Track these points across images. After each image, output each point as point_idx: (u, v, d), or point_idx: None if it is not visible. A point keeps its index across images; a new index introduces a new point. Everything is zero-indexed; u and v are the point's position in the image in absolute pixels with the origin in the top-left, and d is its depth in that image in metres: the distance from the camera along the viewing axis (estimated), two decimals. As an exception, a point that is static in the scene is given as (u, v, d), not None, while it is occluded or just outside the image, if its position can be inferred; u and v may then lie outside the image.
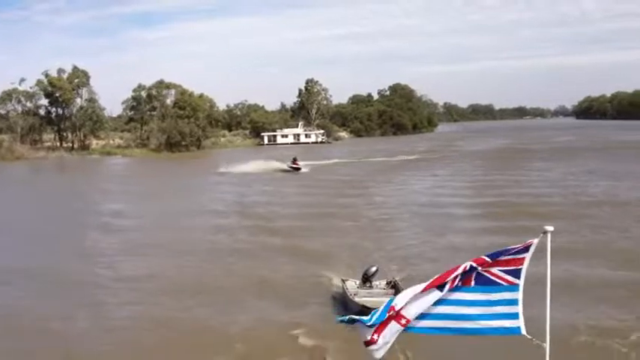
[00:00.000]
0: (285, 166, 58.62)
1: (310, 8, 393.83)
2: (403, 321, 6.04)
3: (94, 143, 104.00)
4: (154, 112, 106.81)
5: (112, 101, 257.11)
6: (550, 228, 5.80)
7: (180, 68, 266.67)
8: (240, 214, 33.50)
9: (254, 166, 59.43)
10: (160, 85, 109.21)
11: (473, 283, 6.01)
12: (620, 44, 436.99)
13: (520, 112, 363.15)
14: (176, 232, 28.31)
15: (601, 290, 16.88)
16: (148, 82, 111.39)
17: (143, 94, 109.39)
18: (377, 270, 17.08)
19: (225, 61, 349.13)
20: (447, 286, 5.95)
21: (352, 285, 17.05)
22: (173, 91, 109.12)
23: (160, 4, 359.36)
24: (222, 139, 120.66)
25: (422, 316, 6.05)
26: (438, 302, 6.00)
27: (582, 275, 18.29)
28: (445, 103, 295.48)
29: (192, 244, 25.22)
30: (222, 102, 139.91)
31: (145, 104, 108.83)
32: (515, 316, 5.97)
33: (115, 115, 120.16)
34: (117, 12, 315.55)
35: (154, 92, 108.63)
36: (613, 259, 20.36)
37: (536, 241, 5.89)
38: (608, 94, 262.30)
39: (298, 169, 57.87)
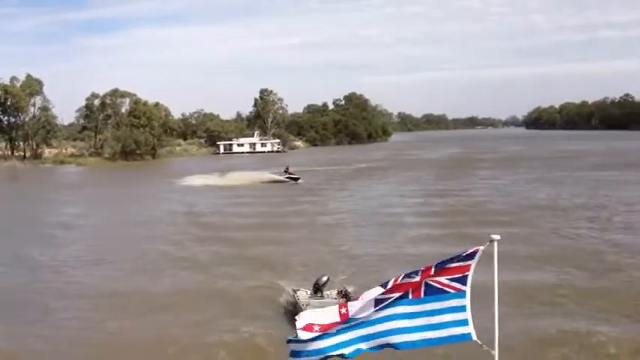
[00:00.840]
0: (280, 177, 56.51)
1: (265, 17, 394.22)
2: (351, 338, 6.03)
3: (47, 152, 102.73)
4: (109, 121, 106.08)
5: (63, 109, 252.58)
6: (497, 237, 5.83)
7: (134, 76, 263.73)
8: (191, 224, 33.62)
9: (247, 177, 58.24)
10: (115, 93, 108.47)
11: (422, 294, 6.00)
12: (568, 56, 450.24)
13: (472, 122, 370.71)
14: (126, 243, 27.96)
15: (547, 296, 17.36)
16: (102, 90, 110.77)
17: (96, 102, 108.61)
18: (328, 279, 17.02)
19: (180, 70, 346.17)
20: (396, 300, 6.00)
21: (303, 295, 16.95)
22: (127, 100, 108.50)
23: (113, 11, 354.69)
24: (178, 148, 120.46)
25: (372, 336, 6.03)
26: (388, 317, 6.00)
27: (528, 281, 18.77)
28: (399, 113, 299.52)
29: (142, 256, 24.91)
30: (178, 111, 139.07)
31: (98, 113, 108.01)
32: (464, 322, 5.97)
33: (66, 124, 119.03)
34: (69, 18, 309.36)
35: (107, 101, 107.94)
36: (557, 264, 21.14)
37: (482, 248, 5.90)
38: (557, 105, 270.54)
39: (296, 179, 55.65)
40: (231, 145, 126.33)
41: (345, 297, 16.18)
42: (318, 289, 16.86)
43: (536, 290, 17.93)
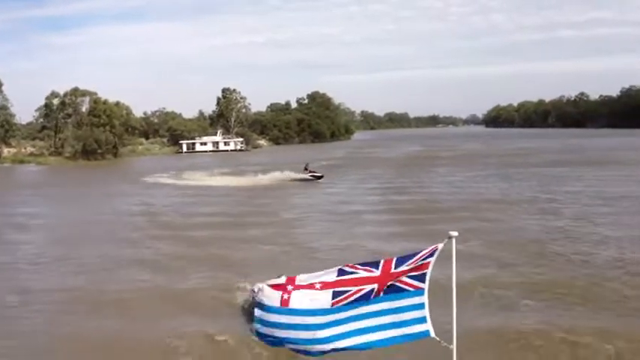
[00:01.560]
0: (304, 176, 55.10)
1: (227, 14, 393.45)
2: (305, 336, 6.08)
3: (5, 151, 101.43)
4: (69, 120, 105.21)
5: (22, 109, 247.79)
6: (455, 233, 5.93)
7: (95, 75, 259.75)
8: (153, 223, 33.54)
9: (270, 177, 56.58)
10: (75, 92, 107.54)
11: (383, 293, 6.04)
12: (527, 56, 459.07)
13: (434, 121, 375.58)
14: (83, 244, 27.65)
15: (502, 291, 17.72)
16: (62, 88, 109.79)
17: (56, 101, 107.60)
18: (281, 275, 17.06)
19: (141, 68, 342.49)
20: (357, 300, 6.04)
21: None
22: (88, 99, 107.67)
23: (73, 7, 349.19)
24: (140, 147, 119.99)
25: (332, 338, 6.04)
26: (350, 319, 6.02)
27: (482, 275, 19.16)
28: (362, 112, 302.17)
29: (99, 256, 24.78)
30: (139, 109, 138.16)
31: (58, 112, 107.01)
32: (423, 319, 6.01)
33: (24, 123, 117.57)
34: (27, 15, 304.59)
35: (67, 100, 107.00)
36: (509, 257, 21.83)
37: (441, 245, 5.98)
38: (515, 104, 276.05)
39: (319, 177, 54.80)
40: (194, 143, 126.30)
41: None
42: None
43: (491, 284, 18.31)
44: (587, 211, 32.00)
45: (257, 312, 6.29)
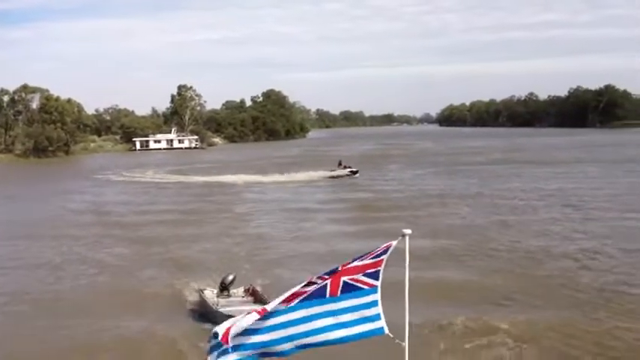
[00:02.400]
0: (341, 172, 54.37)
1: (182, 11, 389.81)
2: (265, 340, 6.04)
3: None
4: (19, 117, 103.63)
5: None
6: (408, 231, 5.98)
7: (45, 70, 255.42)
8: (102, 223, 33.26)
9: (308, 175, 55.14)
10: (24, 89, 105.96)
11: (339, 292, 6.06)
12: (480, 56, 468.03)
13: (389, 119, 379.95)
14: (30, 243, 27.46)
15: (452, 290, 18.05)
16: (12, 85, 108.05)
17: (6, 98, 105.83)
18: (234, 278, 16.94)
19: (93, 64, 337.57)
20: (313, 299, 6.04)
21: (210, 294, 16.72)
22: (38, 96, 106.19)
23: (24, 1, 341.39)
24: (92, 145, 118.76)
25: (292, 337, 6.03)
26: (307, 318, 6.03)
27: (432, 271, 19.51)
28: (318, 110, 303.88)
29: (45, 255, 24.60)
30: (91, 106, 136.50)
31: (8, 109, 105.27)
32: (377, 317, 6.06)
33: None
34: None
35: (17, 97, 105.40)
36: (455, 253, 22.51)
37: (394, 243, 6.00)
38: (468, 103, 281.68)
39: (356, 172, 54.10)
40: (147, 141, 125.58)
41: (253, 295, 16.58)
42: (224, 287, 16.79)
43: (440, 281, 18.75)
44: (521, 205, 34.04)
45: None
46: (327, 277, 6.08)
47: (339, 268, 6.11)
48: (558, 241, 24.44)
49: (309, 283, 6.09)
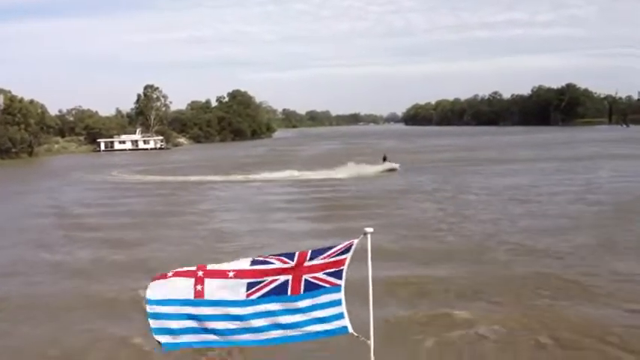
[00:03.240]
0: (389, 166, 54.58)
1: (146, 10, 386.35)
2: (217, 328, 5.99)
3: None
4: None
5: None
6: (370, 229, 5.94)
7: (7, 71, 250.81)
8: (64, 225, 32.85)
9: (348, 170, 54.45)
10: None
11: (301, 290, 6.00)
12: (443, 55, 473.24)
13: (355, 119, 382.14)
14: None
15: (415, 286, 18.18)
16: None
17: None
18: None
19: (56, 65, 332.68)
20: (274, 295, 6.00)
21: None
22: (1, 97, 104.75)
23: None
24: (56, 146, 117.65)
25: (250, 329, 5.99)
26: (267, 313, 5.99)
27: (394, 269, 19.48)
28: (284, 110, 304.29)
29: (6, 258, 24.35)
30: (55, 107, 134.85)
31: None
32: (341, 316, 6.01)
33: None
34: None
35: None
36: (425, 254, 22.46)
37: (356, 241, 5.97)
38: (433, 102, 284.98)
39: (396, 168, 54.43)
40: (112, 142, 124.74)
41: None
42: None
43: (402, 277, 18.85)
44: (476, 200, 35.56)
45: (165, 308, 5.93)
46: (286, 261, 6.02)
47: (296, 255, 6.06)
48: (505, 233, 25.56)
49: (257, 262, 6.04)
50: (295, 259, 6.02)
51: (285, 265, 6.00)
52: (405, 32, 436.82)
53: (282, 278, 5.99)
